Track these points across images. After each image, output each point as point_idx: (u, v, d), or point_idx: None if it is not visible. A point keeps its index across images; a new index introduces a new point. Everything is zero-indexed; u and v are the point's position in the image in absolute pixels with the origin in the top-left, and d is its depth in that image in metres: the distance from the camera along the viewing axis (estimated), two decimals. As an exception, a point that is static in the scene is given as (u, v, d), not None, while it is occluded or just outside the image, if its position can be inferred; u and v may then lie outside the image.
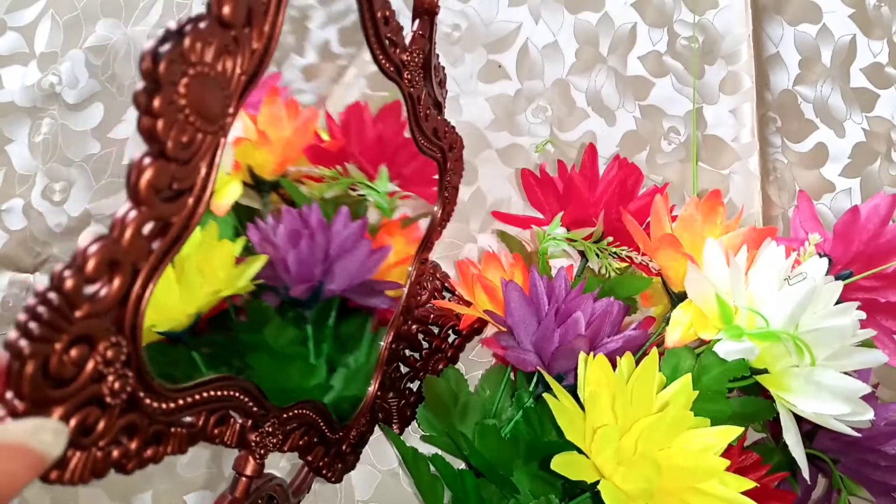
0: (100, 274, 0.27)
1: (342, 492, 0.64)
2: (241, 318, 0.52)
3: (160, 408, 0.33)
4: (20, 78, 0.72)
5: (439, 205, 0.59)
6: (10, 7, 0.74)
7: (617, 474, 0.43)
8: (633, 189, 0.58)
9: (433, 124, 0.53)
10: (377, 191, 0.57)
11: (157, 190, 0.28)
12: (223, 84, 0.30)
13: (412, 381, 0.65)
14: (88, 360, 0.28)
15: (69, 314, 0.27)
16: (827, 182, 0.73)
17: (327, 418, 0.49)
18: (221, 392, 0.38)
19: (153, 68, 0.27)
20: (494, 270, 0.58)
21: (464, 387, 0.57)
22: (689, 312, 0.49)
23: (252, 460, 0.42)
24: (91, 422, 0.29)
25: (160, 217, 0.29)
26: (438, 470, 0.53)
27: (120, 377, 0.30)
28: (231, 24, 0.29)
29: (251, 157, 0.53)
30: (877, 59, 0.76)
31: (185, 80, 0.28)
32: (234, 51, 0.30)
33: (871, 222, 0.51)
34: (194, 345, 0.48)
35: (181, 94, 0.28)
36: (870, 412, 0.44)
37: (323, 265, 0.52)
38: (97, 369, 0.29)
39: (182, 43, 0.27)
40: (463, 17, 0.74)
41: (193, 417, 0.36)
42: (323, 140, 0.57)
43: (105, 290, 0.28)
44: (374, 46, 0.45)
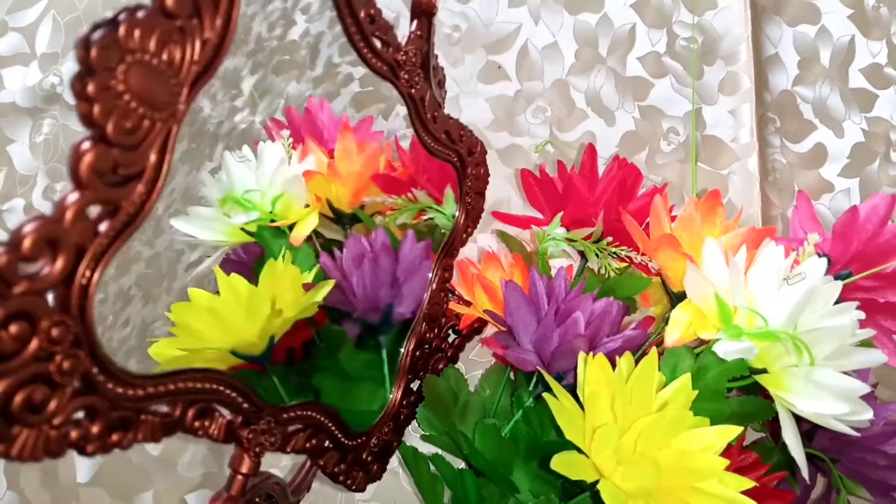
0: (37, 252, 0.28)
1: (342, 491, 0.64)
2: (322, 344, 0.54)
3: (125, 393, 0.33)
4: (21, 78, 0.72)
5: (461, 210, 0.58)
6: (11, 8, 0.74)
7: (616, 474, 0.43)
8: (632, 189, 0.59)
9: (444, 126, 0.53)
10: (443, 213, 0.57)
11: (99, 174, 0.29)
12: (170, 72, 0.30)
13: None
14: (32, 337, 0.28)
15: (4, 290, 0.27)
16: (826, 182, 0.73)
17: (338, 422, 0.49)
18: (199, 384, 0.38)
19: (85, 54, 0.27)
20: (494, 270, 0.58)
21: (464, 386, 0.57)
22: (688, 312, 0.49)
23: (248, 458, 0.42)
24: (39, 399, 0.30)
25: (106, 201, 0.29)
26: (438, 469, 0.53)
27: (69, 356, 0.30)
28: (175, 14, 0.30)
29: (326, 191, 0.57)
30: (875, 59, 0.77)
31: (122, 67, 0.28)
32: (181, 40, 0.30)
33: (870, 222, 0.51)
34: (276, 372, 0.50)
35: (119, 79, 0.28)
36: (869, 412, 0.44)
37: (391, 288, 0.54)
38: (41, 347, 0.29)
39: (116, 30, 0.28)
40: (463, 18, 0.75)
41: (169, 407, 0.37)
42: (395, 170, 0.59)
43: (47, 269, 0.28)
44: (361, 45, 0.44)
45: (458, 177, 0.57)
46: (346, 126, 0.57)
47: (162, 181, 0.31)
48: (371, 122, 0.61)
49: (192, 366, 0.42)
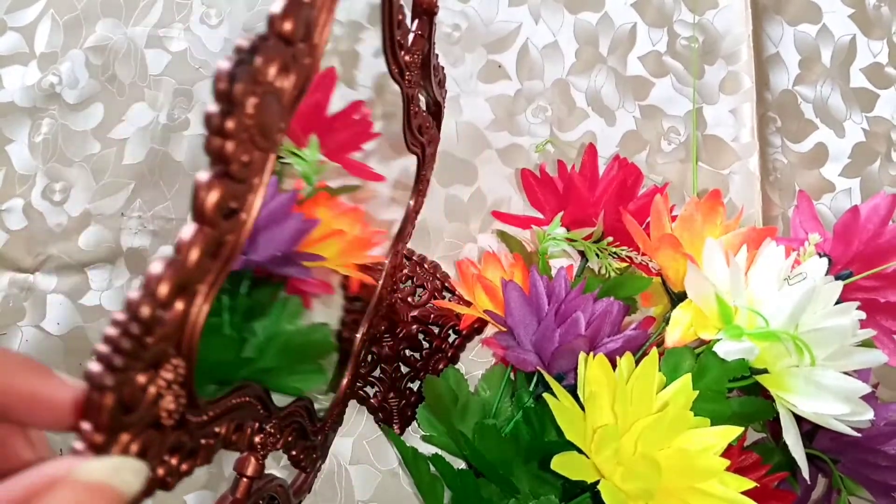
0: (171, 299, 0.27)
1: (342, 491, 0.64)
2: None
3: (198, 422, 0.33)
4: (20, 78, 0.72)
5: (413, 196, 0.59)
6: (10, 7, 0.74)
7: (617, 474, 0.43)
8: (632, 189, 0.58)
9: (419, 121, 0.53)
10: (305, 160, 0.56)
11: (221, 210, 0.28)
12: (280, 101, 0.29)
13: (412, 381, 0.65)
14: (151, 384, 0.28)
15: (144, 342, 0.26)
16: (827, 182, 0.73)
17: (311, 413, 0.49)
18: (241, 399, 0.37)
19: (229, 89, 0.26)
20: (494, 270, 0.58)
21: (464, 387, 0.57)
22: (688, 312, 0.49)
23: (254, 461, 0.42)
24: (149, 444, 0.29)
25: (219, 237, 0.28)
26: (438, 470, 0.53)
27: (175, 398, 0.29)
28: (292, 41, 0.29)
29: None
30: (877, 59, 0.76)
31: (253, 101, 0.27)
32: (292, 67, 0.29)
33: (871, 222, 0.51)
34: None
35: (249, 115, 0.27)
36: (869, 412, 0.44)
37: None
38: (158, 392, 0.28)
39: (254, 63, 0.27)
40: (463, 17, 0.74)
41: (220, 428, 0.36)
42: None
43: (169, 314, 0.27)
44: (389, 51, 0.45)
45: (418, 165, 0.57)
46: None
47: (257, 210, 0.30)
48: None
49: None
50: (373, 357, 0.65)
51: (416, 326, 0.66)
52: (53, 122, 0.71)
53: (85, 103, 0.71)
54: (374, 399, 0.65)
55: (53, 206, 0.69)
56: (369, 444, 0.65)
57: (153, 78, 0.73)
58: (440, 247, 0.69)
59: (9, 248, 0.69)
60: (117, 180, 0.70)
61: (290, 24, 0.28)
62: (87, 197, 0.69)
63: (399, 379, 0.65)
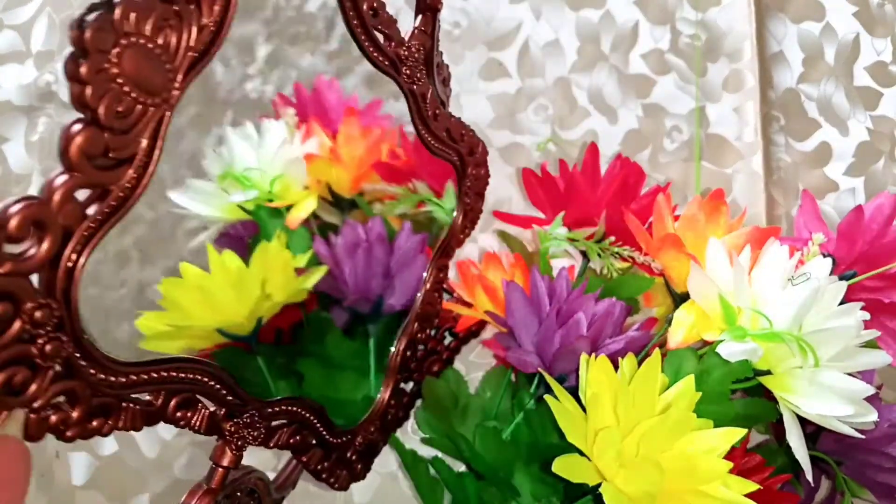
0: (23, 233, 0.28)
1: (340, 494, 0.63)
2: (309, 329, 0.54)
3: (107, 380, 0.33)
4: (16, 76, 0.72)
5: (459, 211, 0.58)
6: (6, 5, 0.73)
7: (619, 477, 0.42)
8: (635, 188, 0.58)
9: (445, 124, 0.52)
10: (442, 207, 0.57)
11: (89, 157, 0.29)
12: (165, 57, 0.30)
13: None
14: (14, 319, 0.28)
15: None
16: (830, 181, 0.73)
17: (324, 420, 0.49)
18: (182, 374, 0.38)
19: (79, 35, 0.27)
20: (495, 271, 0.58)
21: (464, 388, 0.56)
22: (691, 313, 0.48)
23: (229, 451, 0.42)
24: (19, 381, 0.29)
25: (96, 184, 0.29)
26: (438, 473, 0.52)
27: (52, 340, 0.30)
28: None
29: (327, 174, 0.56)
30: (881, 57, 0.76)
31: (116, 50, 0.28)
32: (178, 25, 0.30)
33: (875, 222, 0.51)
34: (262, 352, 0.50)
35: (113, 62, 0.28)
36: (873, 414, 0.44)
37: (383, 279, 0.54)
38: (24, 329, 0.29)
39: (112, 12, 0.28)
40: (463, 15, 0.74)
41: (151, 396, 0.37)
42: (398, 158, 0.59)
43: (33, 250, 0.28)
44: (363, 39, 0.44)
45: (458, 176, 0.56)
46: (352, 110, 0.57)
47: (153, 166, 0.31)
48: (379, 105, 0.60)
49: (180, 341, 0.43)
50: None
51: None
52: (50, 120, 0.71)
53: (82, 102, 0.71)
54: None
55: (51, 206, 0.69)
56: (369, 446, 0.65)
57: (151, 76, 0.72)
58: (440, 246, 0.69)
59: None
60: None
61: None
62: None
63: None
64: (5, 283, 0.28)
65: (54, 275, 0.29)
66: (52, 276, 0.29)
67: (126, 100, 0.29)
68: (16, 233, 0.27)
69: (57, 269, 0.29)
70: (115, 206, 0.30)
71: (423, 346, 0.63)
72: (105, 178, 0.30)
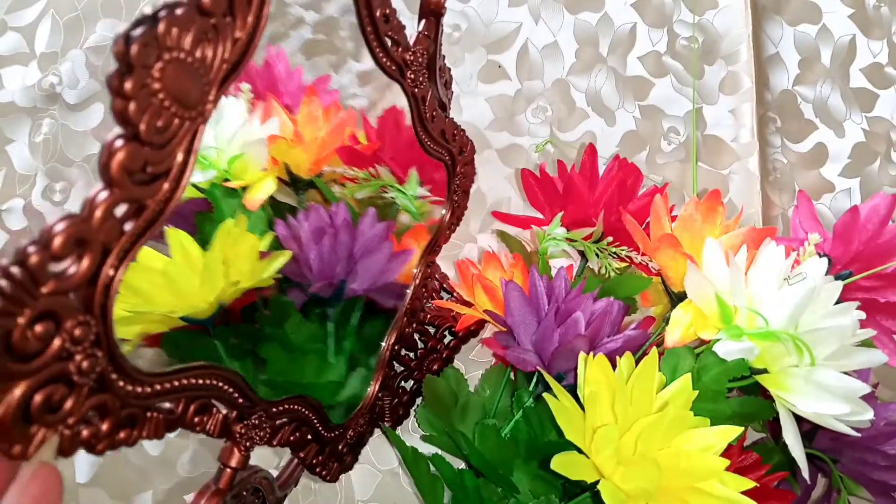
0: (67, 252, 0.27)
1: (342, 492, 0.64)
2: (266, 311, 0.53)
3: (134, 391, 0.33)
4: (21, 78, 0.72)
5: (448, 208, 0.59)
6: (10, 7, 0.74)
7: (617, 474, 0.43)
8: (632, 189, 0.59)
9: (440, 126, 0.53)
10: (405, 194, 0.57)
11: (129, 172, 0.28)
12: (202, 71, 0.30)
13: (406, 381, 0.66)
14: (55, 337, 0.28)
15: (33, 289, 0.27)
16: (826, 182, 0.73)
17: (321, 415, 0.49)
18: (202, 380, 0.38)
19: (125, 50, 0.27)
20: (494, 270, 0.58)
21: (464, 386, 0.57)
22: (688, 312, 0.49)
23: (237, 452, 0.42)
24: (57, 399, 0.29)
25: (133, 199, 0.29)
26: (438, 470, 0.53)
27: (88, 356, 0.30)
28: (210, 12, 0.29)
29: (287, 156, 0.54)
30: (876, 59, 0.76)
31: (159, 65, 0.28)
32: (214, 39, 0.30)
33: (871, 222, 0.51)
34: (220, 335, 0.48)
35: (155, 77, 0.28)
36: (869, 412, 0.44)
37: (347, 264, 0.52)
38: (64, 347, 0.29)
39: (156, 27, 0.28)
40: (463, 18, 0.75)
41: (172, 404, 0.37)
42: (359, 142, 0.58)
43: (73, 268, 0.28)
44: (374, 44, 0.45)
45: (448, 175, 0.57)
46: (313, 89, 0.56)
47: (186, 180, 0.31)
48: (327, 80, 0.59)
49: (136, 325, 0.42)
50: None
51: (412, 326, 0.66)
52: (54, 122, 0.71)
53: (85, 103, 0.71)
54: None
55: (54, 207, 0.69)
56: (369, 444, 0.65)
57: (153, 78, 0.73)
58: (440, 247, 0.69)
59: (10, 248, 0.69)
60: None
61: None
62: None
63: (392, 377, 0.65)
64: (49, 303, 0.27)
65: (92, 291, 0.29)
66: (91, 292, 0.29)
67: (166, 114, 0.29)
68: (60, 251, 0.27)
69: (95, 286, 0.29)
70: (151, 221, 0.30)
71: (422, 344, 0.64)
72: (143, 193, 0.29)
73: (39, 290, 0.27)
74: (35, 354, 0.28)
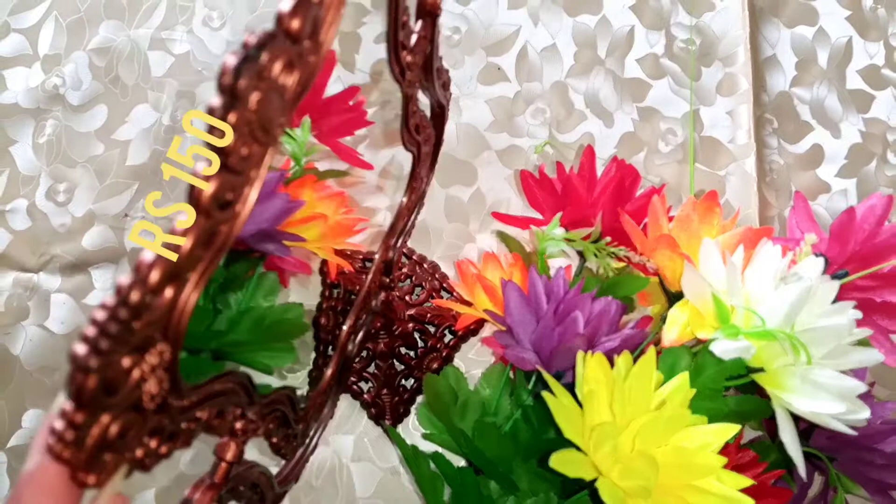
0: (162, 286, 0.27)
1: (343, 489, 0.64)
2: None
3: (180, 406, 0.33)
4: (24, 80, 0.72)
5: (407, 193, 0.60)
6: (13, 9, 0.74)
7: (615, 472, 0.43)
8: (630, 190, 0.59)
9: (416, 121, 0.54)
10: (295, 140, 0.56)
11: (217, 201, 0.28)
12: (283, 97, 0.29)
13: (406, 379, 0.66)
14: (136, 367, 0.28)
15: (131, 326, 0.26)
16: (823, 183, 0.73)
17: (293, 402, 0.50)
18: (224, 385, 0.38)
19: (233, 84, 0.26)
20: (494, 270, 0.58)
21: (464, 385, 0.57)
22: (685, 311, 0.49)
23: (234, 446, 0.42)
24: (129, 426, 0.29)
25: (215, 226, 0.29)
26: (439, 468, 0.53)
27: (159, 382, 0.30)
28: (298, 39, 0.29)
29: None
30: (873, 60, 0.77)
31: (256, 96, 0.27)
32: (297, 64, 0.29)
33: (867, 222, 0.51)
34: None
35: (252, 109, 0.27)
36: (866, 411, 0.44)
37: None
38: (142, 376, 0.29)
39: (259, 59, 0.27)
40: (462, 20, 0.75)
41: (201, 412, 0.37)
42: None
43: (158, 300, 0.28)
44: (391, 51, 0.45)
45: (413, 163, 0.58)
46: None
47: (252, 202, 0.30)
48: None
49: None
50: (368, 353, 0.66)
51: (412, 325, 0.66)
52: (57, 123, 0.71)
53: (88, 105, 0.72)
54: (368, 395, 0.66)
55: (57, 207, 0.70)
56: (370, 442, 0.65)
57: (156, 80, 0.73)
58: (440, 247, 0.70)
59: (13, 248, 0.69)
60: (121, 181, 0.70)
61: (299, 21, 0.28)
62: (90, 197, 0.70)
63: (393, 376, 0.66)
64: (142, 338, 0.27)
65: (170, 318, 0.29)
66: (169, 320, 0.29)
67: (252, 144, 0.28)
68: (157, 286, 0.27)
69: (173, 313, 0.29)
70: (223, 244, 0.29)
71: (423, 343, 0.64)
72: (221, 219, 0.29)
73: (134, 326, 0.27)
74: (121, 386, 0.28)
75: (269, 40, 0.27)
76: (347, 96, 0.63)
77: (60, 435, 0.27)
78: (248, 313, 0.54)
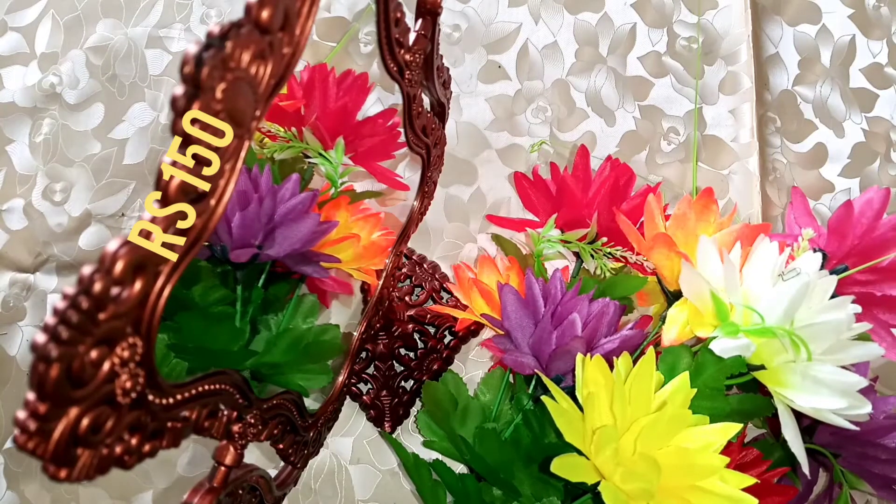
0: (126, 276, 0.27)
1: (342, 491, 0.64)
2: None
3: (162, 404, 0.33)
4: (21, 78, 0.72)
5: (418, 198, 0.59)
6: (10, 7, 0.74)
7: (617, 474, 0.43)
8: (625, 189, 0.59)
9: (423, 122, 0.54)
10: (330, 161, 0.56)
11: (185, 192, 0.28)
12: (254, 88, 0.29)
13: (406, 381, 0.66)
14: (106, 360, 0.28)
15: (95, 317, 0.26)
16: (826, 182, 0.73)
17: (300, 407, 0.50)
18: (214, 386, 0.38)
19: (195, 73, 0.26)
20: (490, 273, 0.58)
21: (463, 391, 0.57)
22: (684, 311, 0.49)
23: (233, 450, 0.42)
24: (102, 420, 0.29)
25: (185, 218, 0.29)
26: (440, 475, 0.52)
27: (132, 376, 0.30)
28: (268, 30, 0.29)
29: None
30: (876, 59, 0.76)
31: (222, 86, 0.27)
32: (268, 56, 0.29)
33: (865, 216, 0.51)
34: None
35: (218, 99, 0.27)
36: (868, 406, 0.44)
37: (265, 230, 0.51)
38: (113, 370, 0.28)
39: (224, 48, 0.27)
40: (463, 18, 0.75)
41: (188, 412, 0.36)
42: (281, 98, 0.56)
43: (127, 292, 0.28)
44: (384, 48, 0.45)
45: (423, 167, 0.58)
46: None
47: (230, 195, 0.30)
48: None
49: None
50: (367, 354, 0.66)
51: (412, 326, 0.66)
52: (54, 122, 0.71)
53: (85, 103, 0.72)
54: (367, 396, 0.65)
55: (54, 207, 0.69)
56: (369, 444, 0.65)
57: (153, 78, 0.73)
58: (440, 247, 0.69)
59: (9, 248, 0.69)
60: (118, 180, 0.70)
61: (269, 12, 0.28)
62: (87, 197, 0.70)
63: (392, 377, 0.65)
64: (108, 329, 0.27)
65: (142, 312, 0.29)
66: (140, 313, 0.29)
67: (220, 134, 0.28)
68: (121, 276, 0.27)
69: (145, 307, 0.29)
70: (196, 239, 0.29)
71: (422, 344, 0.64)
72: (193, 211, 0.29)
73: (99, 317, 0.27)
74: (89, 380, 0.27)
75: (234, 29, 0.27)
76: (382, 118, 0.62)
77: (23, 425, 0.26)
78: (286, 335, 0.55)
